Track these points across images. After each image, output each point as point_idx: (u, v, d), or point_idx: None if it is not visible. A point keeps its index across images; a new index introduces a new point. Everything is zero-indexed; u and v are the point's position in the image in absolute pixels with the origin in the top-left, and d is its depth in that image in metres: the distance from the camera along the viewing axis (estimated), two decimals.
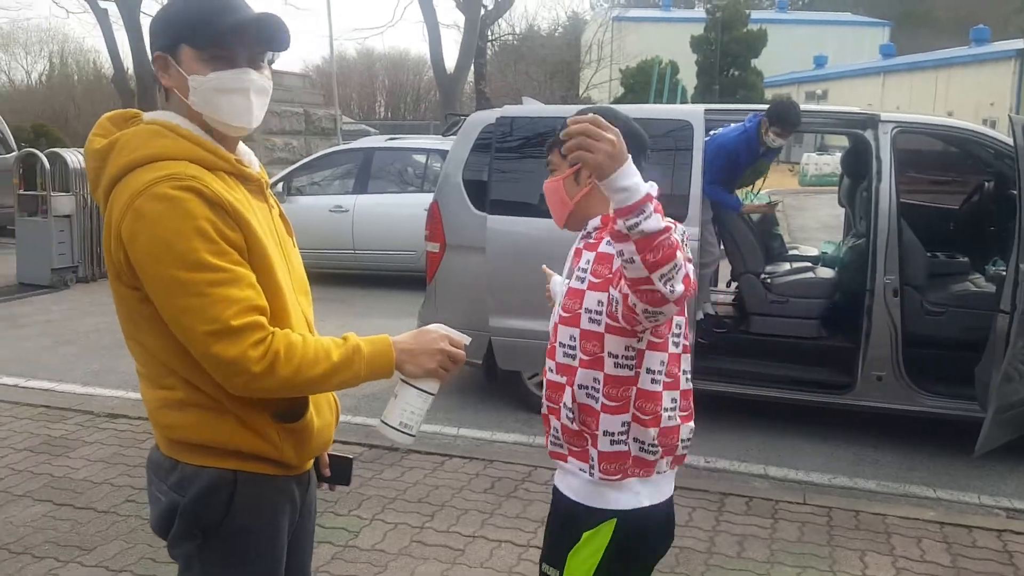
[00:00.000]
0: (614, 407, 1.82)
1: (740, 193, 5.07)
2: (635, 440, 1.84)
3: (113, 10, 19.09)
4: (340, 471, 1.90)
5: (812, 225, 14.82)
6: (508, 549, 3.41)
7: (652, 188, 1.58)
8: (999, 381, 3.91)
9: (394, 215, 9.15)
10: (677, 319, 1.85)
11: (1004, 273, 4.22)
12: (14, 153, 11.24)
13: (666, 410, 1.84)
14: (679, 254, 1.55)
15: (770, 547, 3.48)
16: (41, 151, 9.73)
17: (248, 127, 1.60)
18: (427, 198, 5.65)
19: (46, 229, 9.25)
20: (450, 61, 20.74)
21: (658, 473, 1.88)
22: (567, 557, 1.89)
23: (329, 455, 1.89)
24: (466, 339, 1.71)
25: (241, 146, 1.68)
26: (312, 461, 1.79)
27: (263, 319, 1.49)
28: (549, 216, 2.05)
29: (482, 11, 20.98)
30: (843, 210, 6.58)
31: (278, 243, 1.66)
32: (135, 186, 1.45)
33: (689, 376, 1.93)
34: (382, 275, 9.53)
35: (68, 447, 4.47)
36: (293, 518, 1.73)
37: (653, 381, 1.82)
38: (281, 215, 1.75)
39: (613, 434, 1.83)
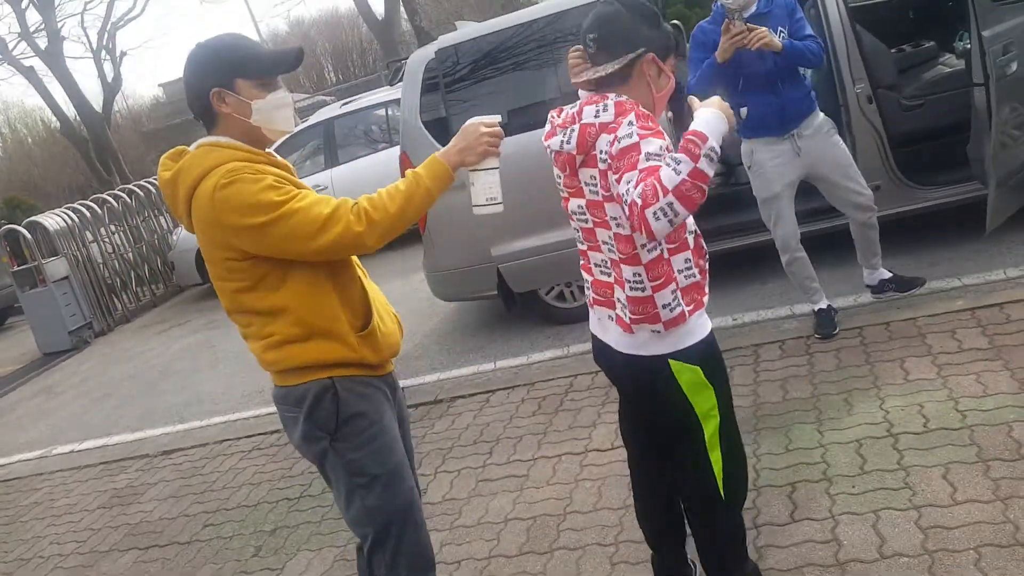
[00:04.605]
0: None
1: None
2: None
3: (39, 65, 18.76)
4: None
5: None
6: (569, 460, 3.50)
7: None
8: (993, 152, 3.85)
9: (373, 177, 9.04)
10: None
11: (971, 47, 4.12)
12: None
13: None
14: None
15: (812, 383, 3.54)
16: (19, 223, 9.75)
17: (291, 131, 2.09)
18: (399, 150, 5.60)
19: (50, 296, 9.35)
20: (378, 7, 20.25)
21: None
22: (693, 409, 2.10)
23: None
24: (496, 118, 2.05)
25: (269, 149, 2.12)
26: (392, 365, 2.22)
27: (341, 199, 1.93)
28: (520, 132, 2.10)
29: None
30: None
31: None
32: (208, 190, 1.88)
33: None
34: None
35: (136, 493, 4.61)
36: (392, 410, 2.18)
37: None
38: None
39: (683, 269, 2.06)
